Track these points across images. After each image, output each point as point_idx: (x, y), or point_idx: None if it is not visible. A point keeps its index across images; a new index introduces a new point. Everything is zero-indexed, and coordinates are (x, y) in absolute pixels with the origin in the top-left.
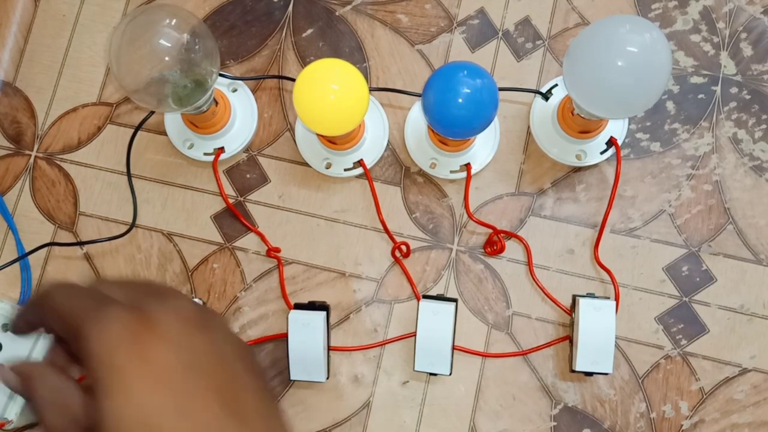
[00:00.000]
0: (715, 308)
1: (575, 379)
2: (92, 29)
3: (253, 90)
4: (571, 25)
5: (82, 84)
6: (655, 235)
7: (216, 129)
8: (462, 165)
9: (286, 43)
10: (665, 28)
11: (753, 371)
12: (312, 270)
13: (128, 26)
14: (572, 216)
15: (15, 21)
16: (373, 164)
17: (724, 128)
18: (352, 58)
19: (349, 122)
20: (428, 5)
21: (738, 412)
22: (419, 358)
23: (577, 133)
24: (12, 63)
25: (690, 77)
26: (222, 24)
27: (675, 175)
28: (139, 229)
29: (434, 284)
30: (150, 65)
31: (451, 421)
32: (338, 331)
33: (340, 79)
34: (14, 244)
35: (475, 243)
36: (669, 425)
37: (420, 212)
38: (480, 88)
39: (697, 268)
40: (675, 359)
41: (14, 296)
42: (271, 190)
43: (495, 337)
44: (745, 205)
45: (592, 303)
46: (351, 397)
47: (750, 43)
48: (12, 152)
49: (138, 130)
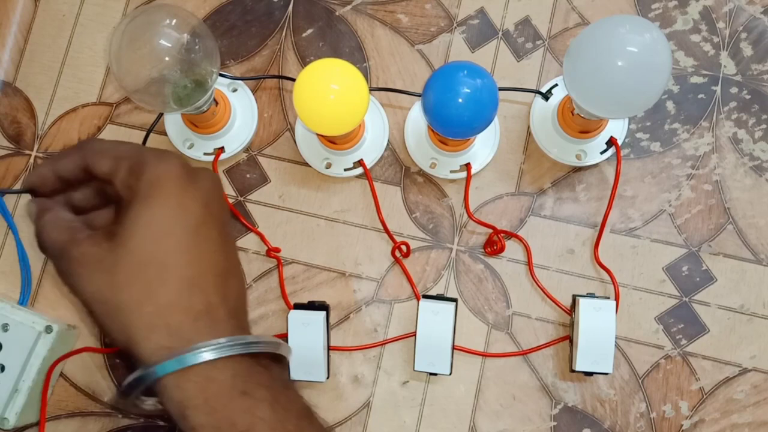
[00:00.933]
0: (715, 308)
1: (575, 379)
2: (92, 29)
3: (253, 90)
4: (571, 25)
5: (82, 84)
6: (655, 235)
7: (216, 129)
8: (462, 165)
9: (286, 43)
10: (665, 28)
11: (753, 371)
12: (312, 270)
13: (128, 26)
14: (572, 216)
15: (15, 21)
16: (373, 164)
17: (724, 128)
18: (352, 58)
19: (349, 122)
20: (428, 5)
21: (738, 412)
22: (419, 358)
23: (577, 133)
24: (12, 63)
25: (690, 77)
26: (222, 24)
27: (675, 175)
28: None
29: (434, 284)
30: (150, 65)
31: (451, 421)
32: (338, 331)
33: (340, 79)
34: (14, 244)
35: (475, 243)
36: (669, 425)
37: (420, 212)
38: (480, 88)
39: (697, 268)
40: (675, 359)
41: (14, 296)
42: (271, 190)
43: (495, 337)
44: (745, 205)
45: (592, 303)
46: (351, 397)
47: (750, 43)
48: (12, 152)
49: (150, 132)
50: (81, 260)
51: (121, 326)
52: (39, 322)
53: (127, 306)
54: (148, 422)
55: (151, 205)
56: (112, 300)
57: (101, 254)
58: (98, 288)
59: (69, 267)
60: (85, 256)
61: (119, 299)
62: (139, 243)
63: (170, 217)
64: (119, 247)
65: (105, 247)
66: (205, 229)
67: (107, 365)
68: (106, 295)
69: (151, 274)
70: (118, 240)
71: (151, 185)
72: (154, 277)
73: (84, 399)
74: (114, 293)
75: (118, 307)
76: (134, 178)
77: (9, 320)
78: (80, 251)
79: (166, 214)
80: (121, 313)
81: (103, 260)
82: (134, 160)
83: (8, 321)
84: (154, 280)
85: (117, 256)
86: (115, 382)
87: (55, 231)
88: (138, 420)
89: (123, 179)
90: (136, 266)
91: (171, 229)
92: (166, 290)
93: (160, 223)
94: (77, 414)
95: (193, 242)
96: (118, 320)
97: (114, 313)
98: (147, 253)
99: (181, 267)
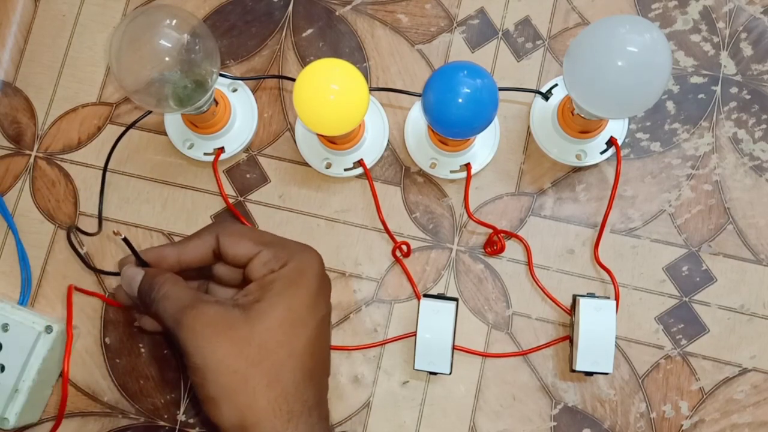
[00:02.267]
0: (715, 308)
1: (575, 379)
2: (92, 29)
3: (253, 90)
4: (571, 25)
5: (82, 84)
6: (655, 235)
7: (216, 129)
8: (462, 165)
9: (286, 43)
10: (665, 28)
11: (753, 371)
12: None
13: (128, 27)
14: (572, 216)
15: (15, 21)
16: (373, 164)
17: (724, 128)
18: (352, 58)
19: (349, 122)
20: (428, 5)
21: (738, 412)
22: (419, 357)
23: (577, 133)
24: (12, 63)
25: (690, 77)
26: (222, 24)
27: (675, 175)
28: (139, 230)
29: (434, 284)
30: (150, 66)
31: (451, 421)
32: (338, 330)
33: (340, 79)
34: (14, 244)
35: (475, 243)
36: (669, 425)
37: (420, 212)
38: (480, 88)
39: (697, 268)
40: (675, 359)
41: (14, 296)
42: (271, 190)
43: (495, 337)
44: (745, 205)
45: (592, 303)
46: (351, 397)
47: (750, 43)
48: (12, 152)
49: (130, 128)
50: (210, 321)
51: (241, 404)
52: (39, 322)
53: (257, 383)
54: (149, 422)
55: (294, 293)
56: (240, 371)
57: (233, 321)
58: (226, 355)
59: (194, 326)
60: (215, 317)
61: (249, 373)
62: (276, 323)
63: (308, 308)
64: (255, 321)
65: (238, 315)
66: (326, 327)
67: (107, 365)
68: (235, 364)
69: (282, 357)
70: (254, 314)
71: (295, 274)
72: (284, 361)
73: (84, 399)
74: (245, 365)
75: (245, 381)
76: (278, 264)
77: (9, 320)
78: (211, 310)
79: (306, 304)
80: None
81: (235, 327)
82: (280, 247)
83: (8, 321)
84: (284, 365)
85: (252, 328)
86: (115, 381)
87: (178, 289)
88: (138, 420)
89: (266, 262)
90: (271, 345)
91: (307, 319)
92: (292, 378)
93: (299, 311)
94: (77, 414)
95: (317, 336)
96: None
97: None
98: (282, 336)
99: (306, 358)
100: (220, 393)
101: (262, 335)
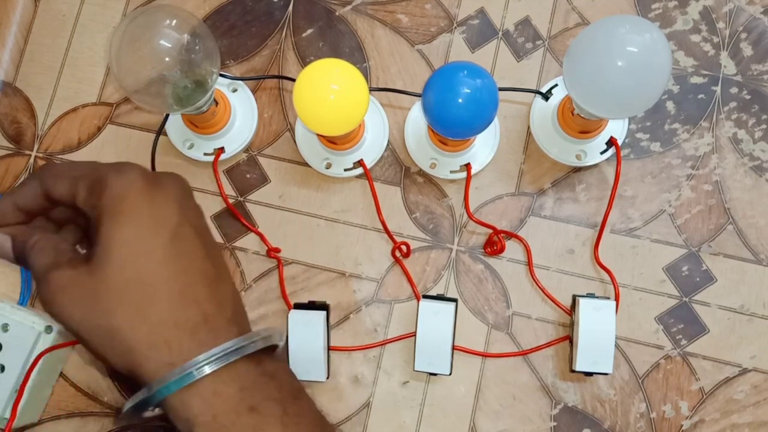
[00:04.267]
0: (715, 308)
1: (575, 379)
2: (92, 29)
3: (253, 90)
4: (571, 25)
5: (82, 84)
6: (655, 235)
7: (216, 129)
8: (462, 165)
9: (286, 43)
10: (665, 28)
11: (753, 371)
12: (312, 270)
13: (128, 27)
14: (572, 216)
15: (15, 21)
16: (373, 164)
17: (724, 128)
18: (352, 58)
19: (349, 122)
20: (428, 5)
21: (738, 412)
22: (419, 358)
23: (577, 133)
24: (12, 63)
25: (690, 77)
26: (222, 24)
27: (675, 175)
28: None
29: (434, 284)
30: (150, 66)
31: (451, 421)
32: (338, 331)
33: (340, 79)
34: None
35: (475, 243)
36: (669, 425)
37: (420, 212)
38: (480, 88)
39: (697, 268)
40: (675, 359)
41: (14, 296)
42: (271, 190)
43: (495, 337)
44: (745, 205)
45: (592, 303)
46: (351, 397)
47: (750, 43)
48: (12, 152)
49: (159, 134)
50: (60, 285)
51: (120, 351)
52: (39, 322)
53: (121, 329)
54: (149, 422)
55: (121, 223)
56: (103, 326)
57: (80, 278)
58: (84, 314)
59: (48, 294)
60: (63, 280)
61: (111, 324)
62: (117, 264)
63: (144, 232)
64: (98, 270)
65: (83, 270)
66: (184, 238)
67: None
68: (95, 321)
69: (137, 294)
70: (96, 262)
71: (115, 201)
72: (142, 296)
73: (84, 399)
74: (104, 318)
75: (111, 333)
76: (96, 197)
77: (9, 320)
78: (58, 275)
79: (139, 229)
80: (115, 338)
81: (83, 284)
82: (91, 178)
83: (8, 321)
84: (143, 300)
85: (97, 280)
86: (117, 386)
87: (41, 254)
88: None
89: (84, 200)
90: (121, 288)
91: (148, 244)
92: (158, 308)
93: (134, 240)
94: (77, 414)
95: (173, 253)
96: (115, 345)
97: (109, 339)
98: (128, 273)
99: (167, 281)
100: (99, 349)
101: (107, 282)
